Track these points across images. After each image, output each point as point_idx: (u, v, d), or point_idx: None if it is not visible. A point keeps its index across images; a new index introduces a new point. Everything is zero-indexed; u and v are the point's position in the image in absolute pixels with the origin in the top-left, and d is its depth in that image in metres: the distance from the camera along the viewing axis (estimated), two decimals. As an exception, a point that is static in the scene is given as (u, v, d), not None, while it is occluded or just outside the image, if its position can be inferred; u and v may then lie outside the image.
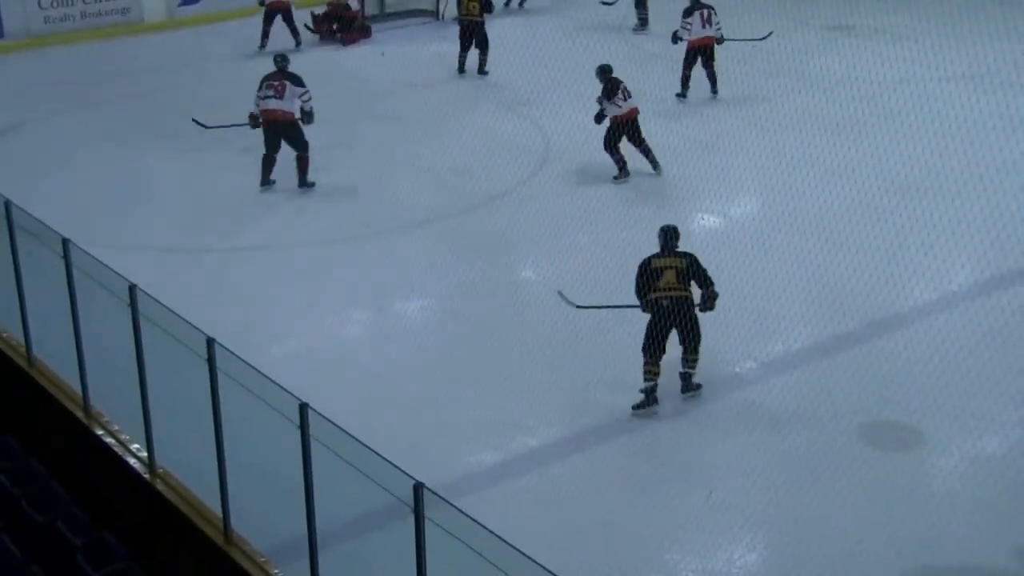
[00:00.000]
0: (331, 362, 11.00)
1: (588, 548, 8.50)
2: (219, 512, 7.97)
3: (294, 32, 21.35)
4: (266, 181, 14.97)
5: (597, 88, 14.91)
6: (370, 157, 15.93)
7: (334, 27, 21.42)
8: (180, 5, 23.70)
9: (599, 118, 14.81)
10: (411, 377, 10.73)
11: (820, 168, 13.82)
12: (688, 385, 10.28)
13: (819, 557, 8.34)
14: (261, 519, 8.11)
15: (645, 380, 10.05)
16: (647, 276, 10.19)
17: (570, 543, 8.48)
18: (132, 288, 8.34)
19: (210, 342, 7.63)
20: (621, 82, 14.82)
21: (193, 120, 15.76)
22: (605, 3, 21.40)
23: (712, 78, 17.66)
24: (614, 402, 10.20)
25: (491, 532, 6.00)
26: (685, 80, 17.71)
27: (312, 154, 15.03)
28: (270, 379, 7.38)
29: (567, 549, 8.32)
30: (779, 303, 11.68)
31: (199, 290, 12.12)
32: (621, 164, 14.87)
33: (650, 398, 10.07)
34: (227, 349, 7.65)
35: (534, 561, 5.77)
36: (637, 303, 10.30)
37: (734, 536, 8.65)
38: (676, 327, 10.06)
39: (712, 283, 10.17)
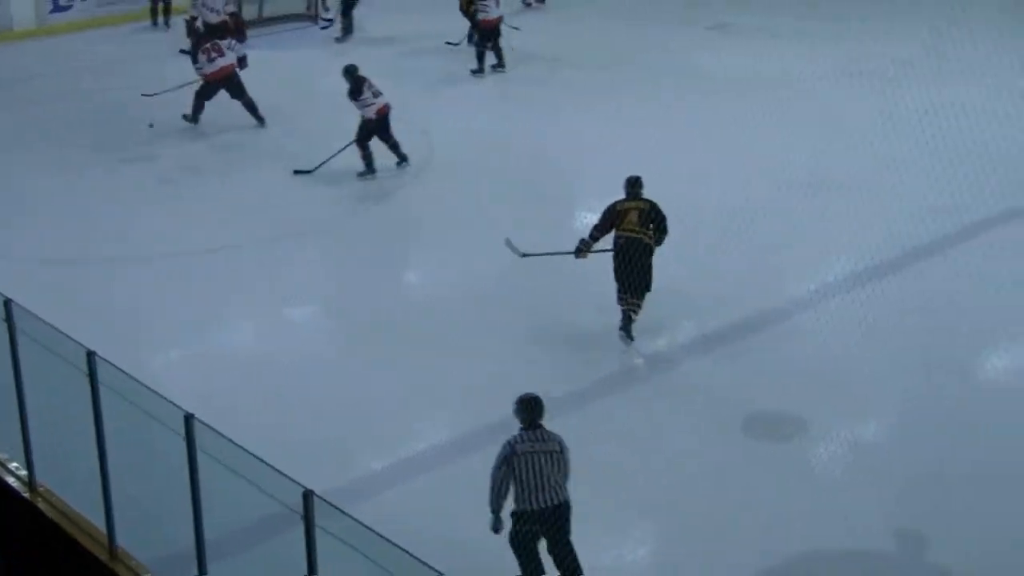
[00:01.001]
0: (221, 371, 10.84)
1: (481, 551, 8.50)
2: (103, 528, 7.83)
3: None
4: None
5: (481, 92, 14.99)
6: (255, 163, 15.78)
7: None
8: (51, 12, 23.13)
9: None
10: (304, 384, 10.63)
11: (706, 164, 14.03)
12: (625, 322, 11.04)
13: (704, 547, 8.46)
14: (148, 533, 8.00)
15: (619, 303, 11.06)
16: (610, 217, 11.05)
17: (463, 547, 8.48)
18: (7, 303, 8.16)
19: (90, 355, 7.49)
20: (366, 79, 15.11)
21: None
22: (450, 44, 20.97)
23: (500, 54, 19.32)
24: (508, 405, 10.21)
25: (383, 538, 5.99)
26: (481, 56, 19.23)
27: (196, 162, 14.91)
28: (153, 391, 7.28)
29: (459, 554, 8.33)
30: (664, 298, 11.84)
31: (83, 302, 11.85)
32: (368, 161, 15.15)
33: (626, 325, 11.08)
34: (108, 362, 7.52)
35: (427, 565, 5.78)
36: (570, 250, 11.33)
37: (624, 532, 8.74)
38: (630, 266, 10.78)
39: (666, 231, 11.03)
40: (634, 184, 11.29)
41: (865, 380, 10.24)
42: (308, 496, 6.30)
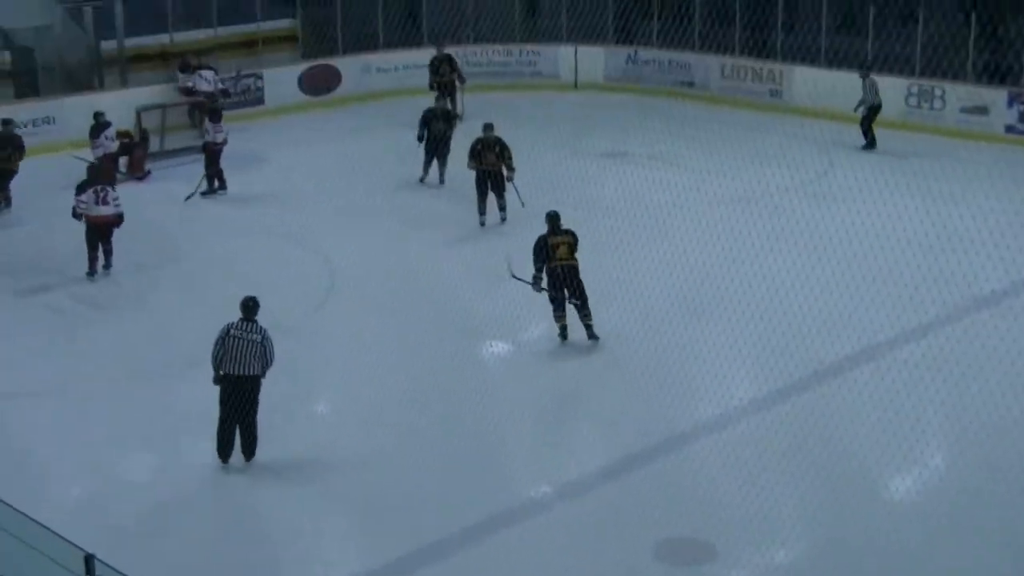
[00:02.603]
0: (117, 505, 10.58)
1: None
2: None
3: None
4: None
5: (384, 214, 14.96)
6: (143, 296, 15.59)
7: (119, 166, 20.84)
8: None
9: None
10: (200, 512, 10.39)
11: (600, 290, 14.19)
12: (591, 334, 13.60)
13: None
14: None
15: (556, 321, 13.74)
16: (544, 249, 13.63)
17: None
18: None
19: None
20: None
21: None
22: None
23: (221, 175, 19.70)
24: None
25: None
26: (210, 178, 19.52)
27: (87, 294, 14.88)
28: (50, 530, 7.07)
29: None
30: (570, 426, 11.88)
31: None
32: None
33: (564, 333, 13.73)
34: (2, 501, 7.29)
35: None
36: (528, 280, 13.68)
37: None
38: (567, 288, 13.44)
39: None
40: (554, 219, 13.79)
41: (772, 505, 10.28)
42: (90, 560, 6.22)
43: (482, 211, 17.80)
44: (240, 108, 24.29)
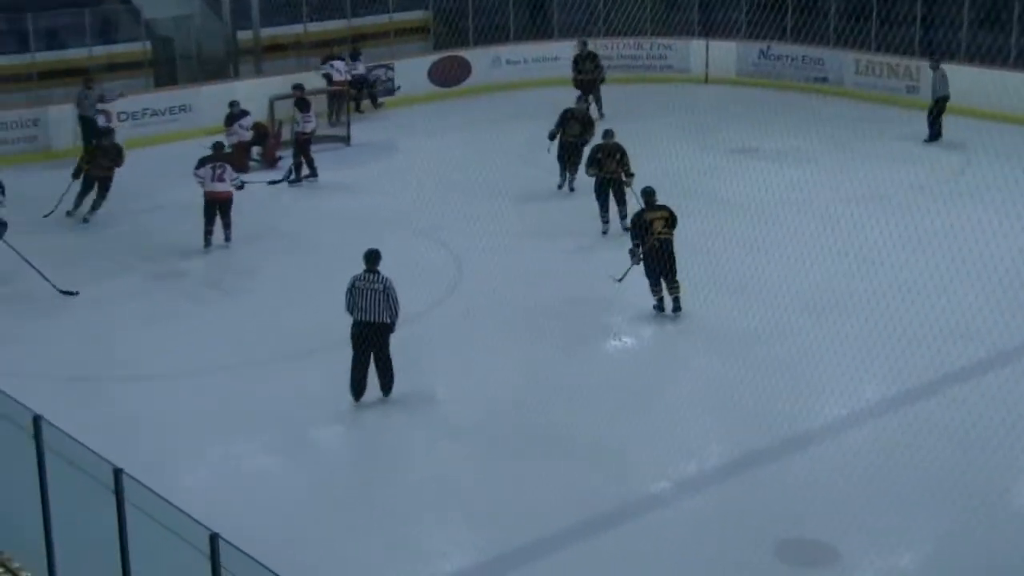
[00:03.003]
0: (242, 491, 10.80)
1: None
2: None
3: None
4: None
5: (510, 213, 15.04)
6: (277, 283, 15.86)
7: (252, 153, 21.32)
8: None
9: None
10: (322, 503, 10.57)
11: (727, 288, 14.07)
12: (676, 306, 14.00)
13: None
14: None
15: (653, 295, 14.11)
16: (642, 226, 14.10)
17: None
18: (36, 419, 8.13)
19: (117, 472, 7.46)
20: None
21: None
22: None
23: (312, 164, 20.27)
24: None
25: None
26: (298, 166, 20.11)
27: (219, 278, 15.12)
28: (179, 508, 7.23)
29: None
30: (691, 423, 11.78)
31: (107, 419, 11.83)
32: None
33: (660, 305, 14.12)
34: (135, 479, 7.48)
35: None
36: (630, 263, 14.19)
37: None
38: (662, 261, 13.79)
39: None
40: (651, 194, 14.39)
41: (896, 508, 10.09)
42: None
43: (605, 219, 17.47)
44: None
